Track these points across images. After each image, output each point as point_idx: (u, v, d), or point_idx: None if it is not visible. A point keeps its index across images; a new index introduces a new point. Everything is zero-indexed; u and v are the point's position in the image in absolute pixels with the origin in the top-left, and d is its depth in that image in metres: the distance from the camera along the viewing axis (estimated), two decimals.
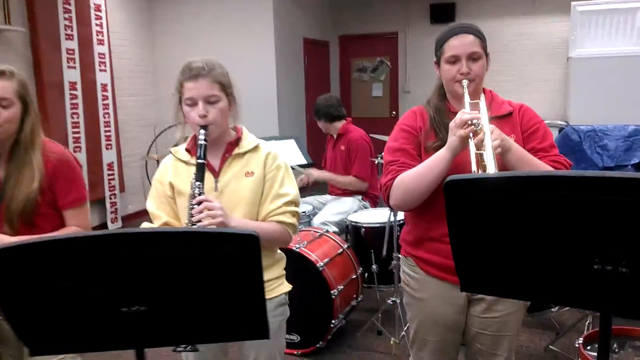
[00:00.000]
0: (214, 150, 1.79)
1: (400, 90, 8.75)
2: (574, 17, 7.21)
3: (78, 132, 5.63)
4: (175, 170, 1.82)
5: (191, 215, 1.63)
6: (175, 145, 1.88)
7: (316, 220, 3.74)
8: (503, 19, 7.95)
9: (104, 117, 6.01)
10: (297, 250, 3.08)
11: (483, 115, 1.66)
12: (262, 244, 1.82)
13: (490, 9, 7.98)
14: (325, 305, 3.08)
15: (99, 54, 5.86)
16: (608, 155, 6.85)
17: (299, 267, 3.11)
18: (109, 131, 6.10)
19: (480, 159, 1.60)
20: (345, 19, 8.77)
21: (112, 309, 1.07)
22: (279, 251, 1.93)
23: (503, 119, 1.81)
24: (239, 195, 1.77)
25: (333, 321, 3.10)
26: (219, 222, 1.63)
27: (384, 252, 3.13)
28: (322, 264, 3.07)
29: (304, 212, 3.78)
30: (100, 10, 5.83)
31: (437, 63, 1.87)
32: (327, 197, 4.15)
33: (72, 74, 5.51)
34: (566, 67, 7.50)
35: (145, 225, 1.81)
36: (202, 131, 1.69)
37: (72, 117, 5.56)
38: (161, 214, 1.81)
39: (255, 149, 1.83)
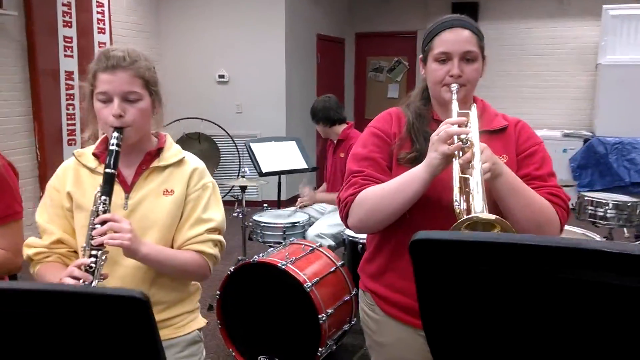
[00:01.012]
0: (128, 160, 1.49)
1: None
2: (605, 21, 6.78)
3: (73, 125, 5.38)
4: (77, 177, 1.51)
5: (91, 237, 1.33)
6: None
7: (310, 232, 3.42)
8: (528, 21, 7.52)
9: None
10: (283, 267, 2.76)
11: (474, 129, 1.36)
12: (174, 276, 1.51)
13: (516, 9, 7.56)
14: (312, 331, 2.76)
15: (100, 43, 5.60)
16: (636, 170, 6.42)
17: (284, 287, 2.80)
18: None
19: (464, 184, 1.30)
20: (362, 16, 8.42)
21: None
22: (193, 282, 1.63)
23: (495, 134, 1.50)
24: (153, 216, 1.48)
25: (320, 349, 2.77)
26: (126, 246, 1.33)
27: None
28: (310, 284, 2.74)
29: (296, 222, 3.46)
30: None
31: (424, 60, 1.56)
32: (327, 207, 3.82)
33: (69, 63, 5.26)
34: (594, 74, 7.07)
35: (31, 240, 1.51)
36: (116, 134, 1.39)
37: (68, 109, 5.31)
38: (53, 228, 1.50)
39: (179, 163, 1.53)
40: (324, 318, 2.74)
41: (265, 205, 4.02)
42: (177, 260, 1.47)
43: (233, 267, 2.94)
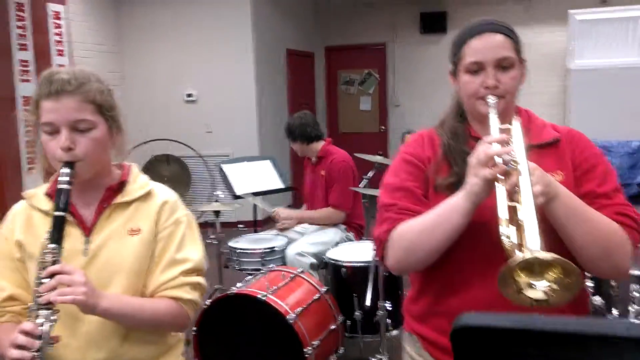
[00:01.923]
0: (86, 198, 1.31)
1: (390, 103, 8.29)
2: (572, 26, 6.81)
3: (33, 152, 5.08)
4: (28, 223, 1.31)
5: (37, 294, 1.12)
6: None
7: (291, 251, 3.22)
8: None
9: None
10: (264, 299, 2.56)
11: (518, 146, 1.17)
12: (146, 329, 1.28)
13: (483, 16, 7.55)
14: None
15: (59, 65, 5.34)
16: None
17: (265, 320, 2.60)
18: None
19: (513, 213, 1.10)
20: (331, 29, 8.33)
21: None
22: (173, 333, 1.44)
23: (545, 148, 1.32)
24: (118, 261, 1.28)
25: None
26: (80, 302, 1.13)
27: (368, 302, 2.62)
28: (293, 315, 2.55)
29: (274, 247, 3.26)
30: (59, 18, 5.33)
31: (453, 73, 1.38)
32: (308, 227, 3.63)
33: (26, 88, 4.98)
34: (565, 79, 7.10)
35: None
36: (66, 170, 1.20)
37: (27, 135, 5.02)
38: (4, 284, 1.30)
39: (145, 196, 1.34)
40: (309, 351, 2.54)
41: (240, 225, 3.82)
42: (147, 311, 1.27)
43: (210, 300, 2.73)
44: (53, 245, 1.16)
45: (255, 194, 3.73)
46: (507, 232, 1.08)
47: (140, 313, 1.26)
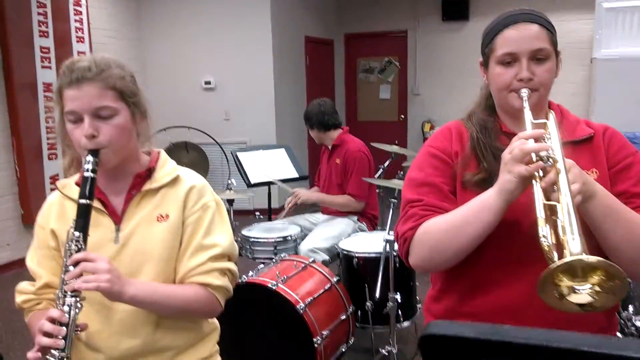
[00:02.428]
0: (116, 185, 1.31)
1: (410, 92, 8.20)
2: (598, 14, 6.62)
3: (54, 139, 5.17)
4: (61, 212, 1.33)
5: (63, 282, 1.14)
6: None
7: (303, 247, 3.22)
8: None
9: None
10: (274, 288, 2.56)
11: (555, 142, 1.12)
12: (177, 316, 1.28)
13: (507, 4, 7.35)
14: (307, 355, 2.56)
15: (79, 52, 5.41)
16: None
17: (275, 309, 2.60)
18: None
19: (550, 212, 1.05)
20: (351, 16, 8.24)
21: None
22: (210, 320, 1.43)
23: (580, 145, 1.28)
24: (147, 248, 1.28)
25: None
26: (105, 289, 1.13)
27: (378, 293, 2.61)
28: (303, 305, 2.55)
29: (287, 236, 3.26)
30: (80, 5, 5.37)
31: (484, 64, 1.34)
32: (320, 216, 3.63)
33: (47, 74, 5.05)
34: (590, 69, 6.92)
35: (21, 287, 1.33)
36: (90, 158, 1.19)
37: (47, 122, 5.10)
38: (42, 272, 1.32)
39: (173, 182, 1.33)
40: (319, 341, 2.55)
41: (257, 213, 3.83)
42: (176, 298, 1.26)
43: None
44: (78, 234, 1.16)
45: (269, 183, 3.74)
46: (544, 233, 1.03)
47: (168, 300, 1.25)
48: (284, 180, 3.80)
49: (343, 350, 2.85)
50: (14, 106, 4.76)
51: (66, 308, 1.12)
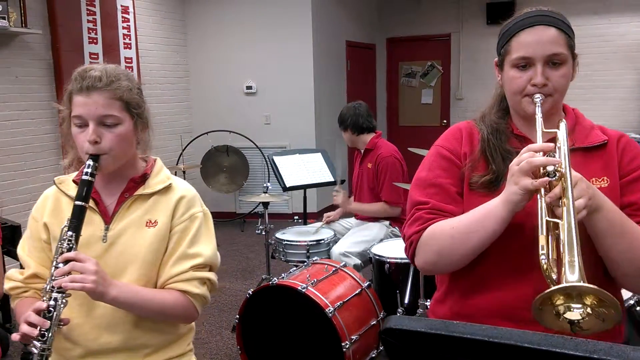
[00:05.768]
0: (111, 187, 1.38)
1: (452, 97, 8.10)
2: None
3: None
4: (55, 207, 1.39)
5: (52, 278, 1.20)
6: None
7: (335, 251, 3.23)
8: (569, 19, 7.06)
9: None
10: (303, 291, 2.57)
11: (564, 155, 1.11)
12: (154, 319, 1.32)
13: (555, 7, 7.18)
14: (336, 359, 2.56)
15: (126, 58, 5.60)
16: None
17: (305, 312, 2.61)
18: None
19: (553, 226, 1.05)
20: (393, 21, 8.21)
21: None
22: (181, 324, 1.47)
23: (592, 152, 1.26)
24: (134, 250, 1.33)
25: None
26: (89, 290, 1.19)
27: (407, 299, 2.58)
28: (332, 309, 2.55)
29: (322, 239, 3.27)
30: (127, 13, 5.57)
31: (499, 65, 1.32)
32: (352, 221, 3.63)
33: None
34: None
35: (10, 273, 1.40)
36: (90, 162, 1.26)
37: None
38: (30, 261, 1.39)
39: (165, 190, 1.39)
40: (347, 345, 2.54)
41: (296, 217, 3.87)
42: (155, 302, 1.31)
43: (252, 290, 2.78)
44: (70, 233, 1.22)
45: (306, 186, 3.76)
46: (544, 251, 1.03)
47: (148, 304, 1.31)
48: (319, 184, 3.81)
49: (373, 355, 2.83)
50: None
51: (52, 302, 1.19)
